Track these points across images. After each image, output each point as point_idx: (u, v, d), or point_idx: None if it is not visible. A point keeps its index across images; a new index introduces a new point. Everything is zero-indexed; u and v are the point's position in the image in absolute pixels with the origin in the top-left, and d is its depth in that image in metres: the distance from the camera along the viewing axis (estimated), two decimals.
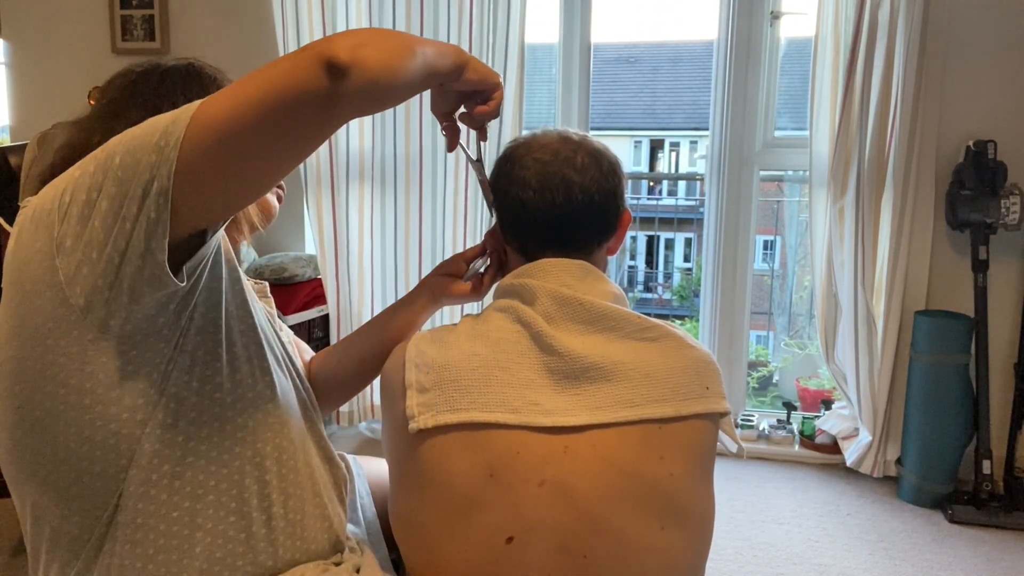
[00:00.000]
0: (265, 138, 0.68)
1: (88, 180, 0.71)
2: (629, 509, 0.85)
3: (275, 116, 0.67)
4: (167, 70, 0.90)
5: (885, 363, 2.35)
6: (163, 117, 0.70)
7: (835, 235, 2.36)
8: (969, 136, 2.29)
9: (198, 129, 0.67)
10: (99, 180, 0.70)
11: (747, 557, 2.04)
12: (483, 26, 2.37)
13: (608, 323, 0.92)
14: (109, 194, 0.69)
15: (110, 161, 0.70)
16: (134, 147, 0.69)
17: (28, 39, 2.91)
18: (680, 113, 12.53)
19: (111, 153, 0.71)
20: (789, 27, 2.56)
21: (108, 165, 0.70)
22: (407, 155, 2.50)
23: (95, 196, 0.70)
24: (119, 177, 0.69)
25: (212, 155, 0.68)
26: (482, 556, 0.85)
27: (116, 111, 0.87)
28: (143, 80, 0.89)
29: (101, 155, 0.71)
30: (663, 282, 10.95)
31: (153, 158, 0.68)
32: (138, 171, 0.68)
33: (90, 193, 0.70)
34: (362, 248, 2.58)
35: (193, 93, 0.87)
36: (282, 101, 0.67)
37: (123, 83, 0.89)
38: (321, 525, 0.90)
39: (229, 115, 0.67)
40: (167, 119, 0.69)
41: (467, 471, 0.87)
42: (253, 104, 0.67)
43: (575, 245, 0.98)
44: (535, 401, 0.88)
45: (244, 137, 0.67)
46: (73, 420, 0.74)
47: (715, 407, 0.92)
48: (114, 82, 0.90)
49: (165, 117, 0.70)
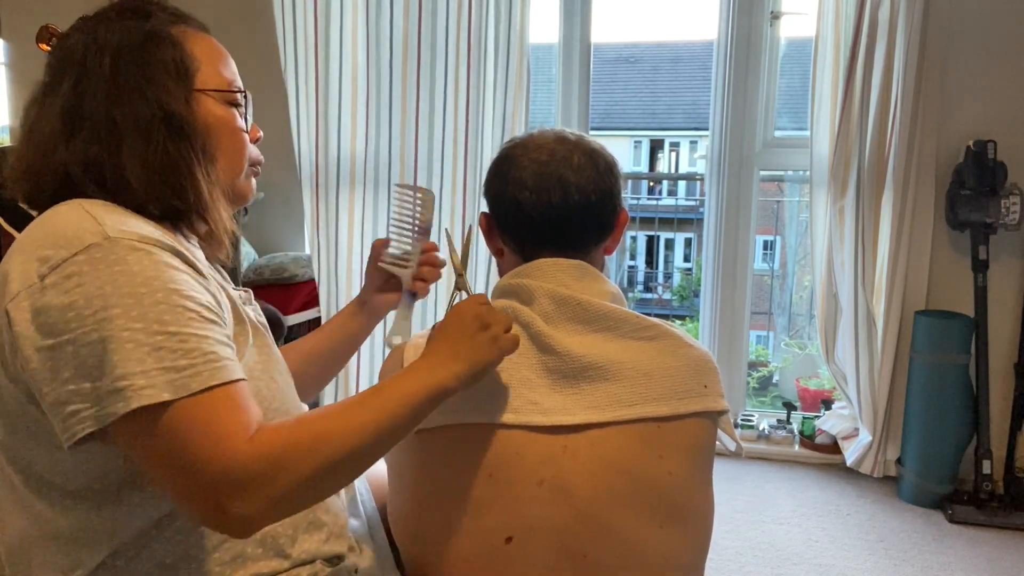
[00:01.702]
0: (163, 483, 0.70)
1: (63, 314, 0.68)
2: (628, 508, 0.86)
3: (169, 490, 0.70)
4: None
5: (885, 363, 2.35)
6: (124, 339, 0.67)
7: (835, 235, 2.35)
8: (969, 136, 2.28)
9: (123, 437, 0.68)
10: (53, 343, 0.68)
11: (747, 557, 2.04)
12: (483, 26, 2.37)
13: (606, 323, 0.92)
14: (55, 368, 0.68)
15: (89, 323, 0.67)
16: (124, 341, 0.66)
17: (28, 39, 2.91)
18: (680, 113, 12.52)
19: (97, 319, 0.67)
20: (789, 27, 2.56)
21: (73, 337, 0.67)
22: (401, 158, 2.49)
23: (49, 342, 0.68)
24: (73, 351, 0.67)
25: (129, 446, 0.69)
26: (481, 556, 0.86)
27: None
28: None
29: (85, 314, 0.68)
30: (663, 282, 10.95)
31: (120, 384, 0.66)
32: (101, 373, 0.66)
33: (55, 330, 0.68)
34: (351, 251, 2.58)
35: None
36: (175, 492, 0.69)
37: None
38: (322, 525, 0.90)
39: (144, 444, 0.67)
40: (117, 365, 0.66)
41: (466, 471, 0.87)
42: (153, 477, 0.71)
43: (572, 245, 0.98)
44: (534, 400, 0.88)
45: (147, 470, 0.71)
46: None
47: (713, 406, 0.92)
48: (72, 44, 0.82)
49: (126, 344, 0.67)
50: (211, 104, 0.85)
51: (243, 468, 0.65)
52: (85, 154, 0.78)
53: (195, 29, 0.88)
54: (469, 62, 2.39)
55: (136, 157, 0.78)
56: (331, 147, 2.50)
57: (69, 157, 0.78)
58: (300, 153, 2.51)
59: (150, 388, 0.65)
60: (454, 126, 2.44)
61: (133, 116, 0.79)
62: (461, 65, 2.40)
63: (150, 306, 0.68)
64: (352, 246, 2.57)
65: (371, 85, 2.47)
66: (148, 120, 0.79)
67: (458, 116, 2.43)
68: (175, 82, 0.81)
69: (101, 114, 0.78)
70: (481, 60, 2.39)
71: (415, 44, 2.42)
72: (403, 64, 2.43)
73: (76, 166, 0.78)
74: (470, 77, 2.40)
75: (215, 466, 0.65)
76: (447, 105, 2.44)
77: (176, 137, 0.80)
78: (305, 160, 2.52)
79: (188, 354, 0.68)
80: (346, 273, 2.58)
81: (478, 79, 2.40)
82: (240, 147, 0.89)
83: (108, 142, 0.78)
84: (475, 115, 2.42)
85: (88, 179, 0.78)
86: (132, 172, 0.78)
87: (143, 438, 0.67)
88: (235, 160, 0.89)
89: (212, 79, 0.85)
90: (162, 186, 0.79)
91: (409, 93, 2.44)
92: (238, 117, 0.88)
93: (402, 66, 2.43)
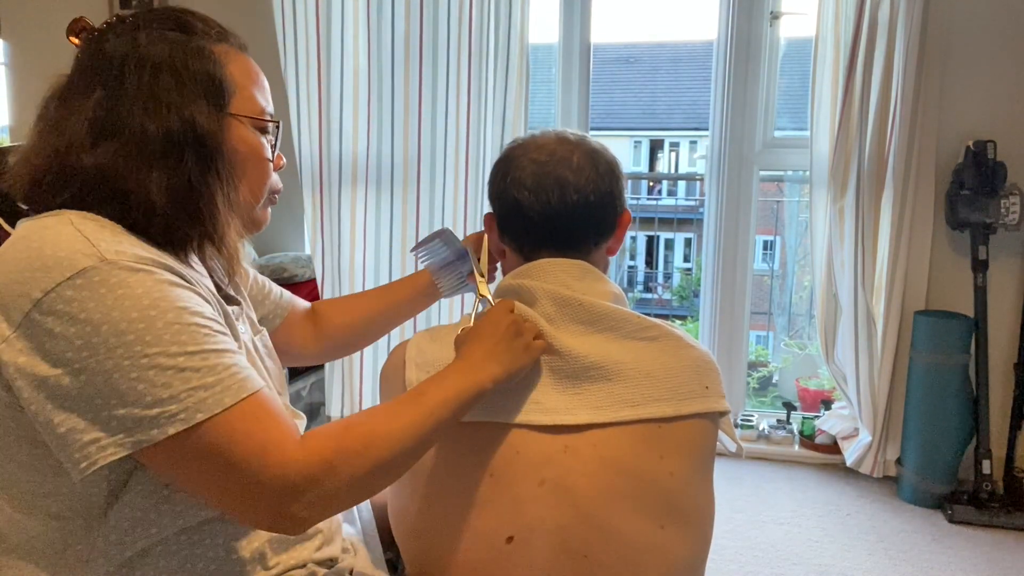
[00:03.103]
0: (212, 500, 0.71)
1: (66, 343, 0.66)
2: (629, 508, 0.86)
3: (221, 506, 0.71)
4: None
5: (885, 363, 2.35)
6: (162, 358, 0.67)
7: (835, 235, 2.36)
8: (969, 136, 2.29)
9: (157, 459, 0.68)
10: (75, 356, 0.66)
11: (747, 557, 2.04)
12: (483, 26, 2.37)
13: (608, 323, 0.92)
14: (73, 387, 0.66)
15: (101, 351, 0.66)
16: (142, 368, 0.66)
17: (28, 39, 2.91)
18: (680, 113, 12.52)
19: (107, 345, 0.66)
20: (789, 27, 2.56)
21: (94, 352, 0.66)
22: (405, 157, 2.49)
23: (62, 367, 0.66)
24: (91, 382, 0.66)
25: (166, 470, 0.70)
26: (482, 556, 0.86)
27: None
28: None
29: (93, 327, 0.66)
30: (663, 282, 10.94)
31: (151, 411, 0.66)
32: (123, 401, 0.66)
33: (62, 360, 0.66)
34: (354, 251, 2.58)
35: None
36: (229, 506, 0.70)
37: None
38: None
39: (186, 467, 0.68)
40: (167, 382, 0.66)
41: (467, 471, 0.87)
42: (201, 487, 0.70)
43: (571, 245, 0.98)
44: (536, 400, 0.89)
45: (190, 489, 0.72)
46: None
47: (715, 406, 0.92)
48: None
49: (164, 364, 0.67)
50: (242, 130, 0.84)
51: (299, 473, 0.67)
52: (110, 165, 0.75)
53: (236, 49, 0.86)
54: (470, 62, 2.39)
55: (163, 176, 0.76)
56: (332, 147, 2.50)
57: (90, 163, 0.75)
58: (300, 153, 2.51)
59: (183, 412, 0.65)
60: (455, 126, 2.44)
61: (167, 134, 0.76)
62: (462, 65, 2.40)
63: (163, 328, 0.67)
64: (354, 246, 2.57)
65: (372, 85, 2.47)
66: (180, 140, 0.77)
67: (459, 116, 2.43)
68: (211, 104, 0.80)
69: (136, 128, 0.76)
70: (481, 60, 2.39)
71: (416, 44, 2.42)
72: (404, 64, 2.43)
73: (95, 174, 0.75)
74: (471, 77, 2.40)
75: (270, 474, 0.66)
76: (447, 105, 2.44)
77: (204, 160, 0.79)
78: (306, 160, 2.52)
79: (212, 371, 0.68)
80: (348, 273, 2.58)
81: (478, 79, 2.40)
82: (263, 176, 0.88)
83: (138, 158, 0.76)
84: (475, 115, 2.43)
85: (104, 189, 0.75)
86: (156, 192, 0.76)
87: (185, 461, 0.67)
88: (257, 189, 0.88)
89: (247, 105, 0.84)
90: (181, 210, 0.77)
91: (410, 93, 2.44)
92: (266, 145, 0.87)
93: (403, 66, 2.44)
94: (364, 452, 0.71)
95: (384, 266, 2.59)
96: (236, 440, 0.67)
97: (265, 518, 0.69)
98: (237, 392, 0.68)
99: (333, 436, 0.71)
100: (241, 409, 0.68)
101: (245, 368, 0.71)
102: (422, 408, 0.78)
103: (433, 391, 0.81)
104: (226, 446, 0.66)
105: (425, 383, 0.83)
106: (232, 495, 0.68)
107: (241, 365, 0.71)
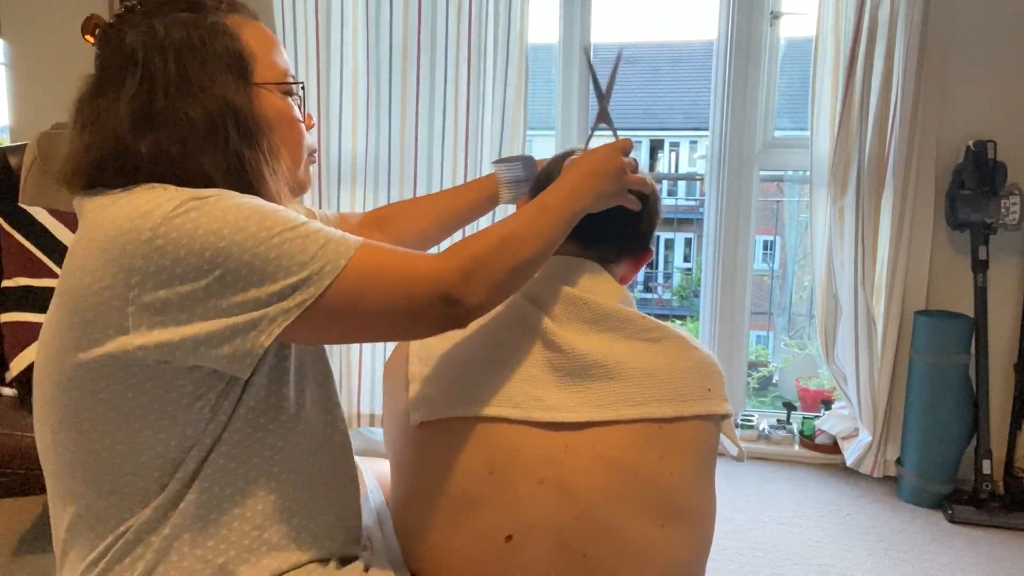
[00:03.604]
0: (383, 325, 0.77)
1: (197, 258, 0.70)
2: (629, 508, 0.86)
3: (393, 328, 0.78)
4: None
5: (885, 363, 2.35)
6: (296, 225, 0.73)
7: (835, 235, 2.36)
8: (969, 136, 2.29)
9: (339, 293, 0.73)
10: (217, 263, 0.70)
11: (747, 557, 2.04)
12: (483, 26, 2.37)
13: (612, 323, 0.93)
14: (224, 280, 0.70)
15: (234, 249, 0.70)
16: (274, 247, 0.71)
17: (28, 39, 2.91)
18: (680, 113, 12.50)
19: (234, 241, 0.70)
20: (789, 27, 2.56)
21: (231, 253, 0.70)
22: (403, 157, 2.49)
23: (204, 279, 0.70)
24: (247, 269, 0.71)
25: (336, 318, 0.74)
26: (481, 554, 0.86)
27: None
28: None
29: (223, 234, 0.70)
30: (663, 282, 10.94)
31: (303, 274, 0.71)
32: (274, 276, 0.71)
33: (200, 271, 0.70)
34: None
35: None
36: (402, 321, 0.76)
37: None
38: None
39: (357, 303, 0.74)
40: (309, 237, 0.73)
41: (467, 468, 0.87)
42: (374, 315, 0.75)
43: (596, 244, 1.00)
44: (537, 396, 0.89)
45: (365, 321, 0.76)
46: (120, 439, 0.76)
47: (717, 409, 0.92)
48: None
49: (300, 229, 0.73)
50: (270, 97, 0.84)
51: (448, 268, 0.76)
52: (164, 152, 0.77)
53: (246, 17, 0.86)
54: (469, 62, 2.39)
55: (218, 161, 0.78)
56: (331, 146, 2.50)
57: (147, 151, 0.77)
58: None
59: (327, 264, 0.72)
60: (454, 126, 2.44)
61: (207, 115, 0.78)
62: (461, 65, 2.40)
63: (272, 213, 0.73)
64: None
65: (371, 85, 2.46)
66: (220, 120, 0.78)
67: (458, 116, 2.43)
68: (237, 78, 0.80)
69: (179, 115, 0.77)
70: (481, 60, 2.39)
71: (415, 44, 2.42)
72: (403, 64, 2.43)
73: (154, 161, 0.77)
74: (470, 77, 2.40)
75: (427, 277, 0.75)
76: (447, 105, 2.43)
77: (245, 135, 0.80)
78: None
79: (330, 234, 0.74)
80: None
81: (478, 79, 2.40)
82: (299, 138, 0.88)
83: (188, 144, 0.77)
84: (475, 115, 2.42)
85: (167, 173, 0.77)
86: (216, 175, 0.78)
87: (346, 304, 0.73)
88: (296, 151, 0.88)
89: (269, 71, 0.84)
90: (239, 190, 0.78)
91: (409, 93, 2.44)
92: (294, 107, 0.87)
93: (402, 66, 2.43)
94: (502, 247, 0.80)
95: None
96: (383, 263, 0.74)
97: (443, 312, 0.76)
98: (355, 242, 0.75)
99: (472, 241, 0.80)
100: (368, 250, 0.75)
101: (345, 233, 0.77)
102: (544, 217, 0.87)
103: (550, 203, 0.89)
104: (377, 271, 0.74)
105: (541, 196, 0.90)
106: (405, 306, 0.75)
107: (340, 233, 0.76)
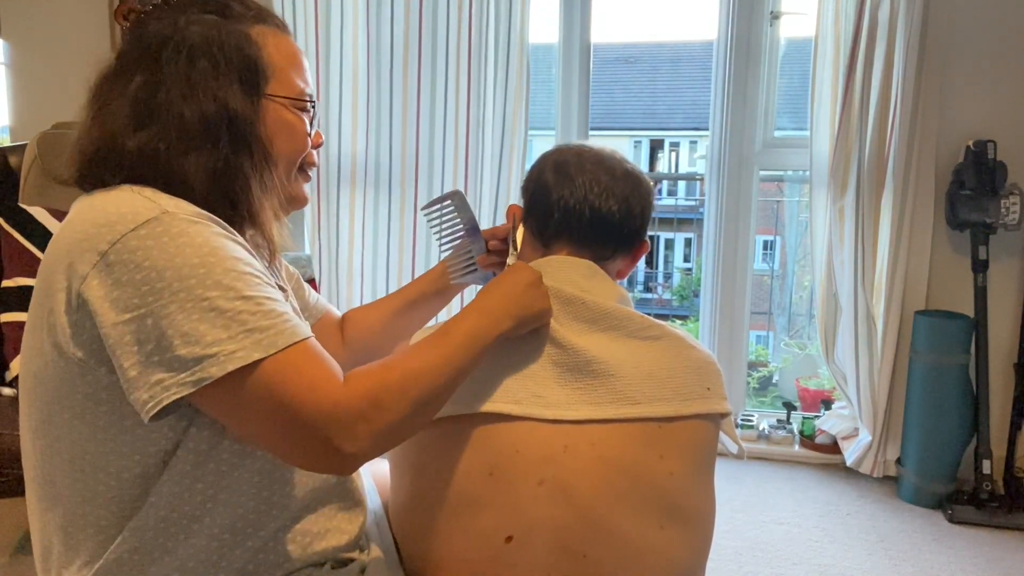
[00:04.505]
0: (263, 437, 0.73)
1: (133, 290, 0.69)
2: (629, 508, 0.86)
3: (272, 444, 0.73)
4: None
5: (885, 363, 2.35)
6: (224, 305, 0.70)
7: (835, 235, 2.36)
8: (969, 136, 2.29)
9: (209, 401, 0.70)
10: (140, 302, 0.69)
11: (747, 557, 2.04)
12: (483, 26, 2.37)
13: (611, 322, 0.93)
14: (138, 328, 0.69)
15: (164, 297, 0.69)
16: (201, 310, 0.69)
17: (28, 39, 2.91)
18: (680, 113, 12.50)
19: (170, 289, 0.69)
20: (789, 27, 2.56)
21: (160, 298, 0.69)
22: (403, 158, 2.49)
23: (130, 313, 0.69)
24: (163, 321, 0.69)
25: (223, 411, 0.72)
26: (481, 555, 0.85)
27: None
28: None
29: (164, 276, 0.69)
30: (663, 282, 10.94)
31: (211, 350, 0.68)
32: (187, 340, 0.68)
33: (128, 306, 0.69)
34: (352, 251, 2.58)
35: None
36: (280, 444, 0.72)
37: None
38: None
39: (246, 404, 0.70)
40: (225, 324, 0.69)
41: (467, 469, 0.87)
42: (255, 434, 0.72)
43: (591, 242, 1.00)
44: (538, 393, 0.89)
45: (245, 428, 0.73)
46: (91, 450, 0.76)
47: (716, 408, 0.92)
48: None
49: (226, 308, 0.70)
50: (280, 111, 0.85)
51: (346, 410, 0.70)
52: (151, 149, 0.77)
53: (276, 29, 0.86)
54: (469, 62, 2.39)
55: (201, 162, 0.78)
56: (331, 147, 2.51)
57: (133, 147, 0.77)
58: None
59: (241, 351, 0.68)
60: (454, 126, 2.44)
61: (202, 118, 0.78)
62: (461, 65, 2.40)
63: (221, 274, 0.70)
64: (353, 246, 2.58)
65: (371, 85, 2.47)
66: (215, 124, 0.79)
67: (458, 116, 2.43)
68: (246, 87, 0.81)
69: (174, 113, 0.78)
70: (481, 60, 2.39)
71: (415, 44, 2.42)
72: (403, 64, 2.43)
73: (139, 157, 0.77)
74: (470, 77, 2.40)
75: (320, 410, 0.69)
76: (447, 105, 2.44)
77: (239, 144, 0.80)
78: None
79: (267, 315, 0.71)
80: (347, 273, 2.59)
81: (478, 79, 2.40)
82: (301, 151, 0.89)
83: (176, 142, 0.78)
84: (475, 115, 2.42)
85: (149, 172, 0.77)
86: (194, 175, 0.78)
87: (239, 400, 0.70)
88: (292, 165, 0.89)
89: (285, 86, 0.85)
90: (218, 193, 0.79)
91: (409, 93, 2.44)
92: (306, 123, 0.88)
93: (402, 66, 2.43)
94: (405, 386, 0.74)
95: (382, 266, 2.60)
96: (288, 379, 0.69)
97: (316, 456, 0.71)
98: (290, 336, 0.71)
99: (375, 373, 0.74)
100: (294, 351, 0.71)
101: (295, 316, 0.74)
102: (450, 342, 0.81)
103: (455, 329, 0.83)
104: (279, 385, 0.69)
105: (446, 323, 0.85)
106: (284, 434, 0.70)
107: (291, 313, 0.74)
